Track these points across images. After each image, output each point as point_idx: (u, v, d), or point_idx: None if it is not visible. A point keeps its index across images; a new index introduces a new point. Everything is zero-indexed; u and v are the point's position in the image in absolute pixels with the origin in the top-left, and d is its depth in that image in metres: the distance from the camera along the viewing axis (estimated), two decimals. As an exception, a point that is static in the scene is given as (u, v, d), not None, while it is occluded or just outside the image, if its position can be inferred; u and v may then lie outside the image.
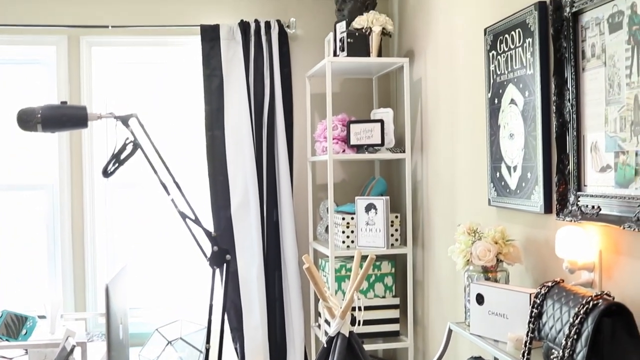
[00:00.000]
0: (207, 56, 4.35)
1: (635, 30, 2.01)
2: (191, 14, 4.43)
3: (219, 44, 4.34)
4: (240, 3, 4.49)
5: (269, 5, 4.51)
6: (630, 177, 2.05)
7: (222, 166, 4.35)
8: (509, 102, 2.78)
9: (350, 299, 2.86)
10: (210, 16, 4.43)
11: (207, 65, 4.35)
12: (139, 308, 4.53)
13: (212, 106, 4.35)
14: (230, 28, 4.35)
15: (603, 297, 1.89)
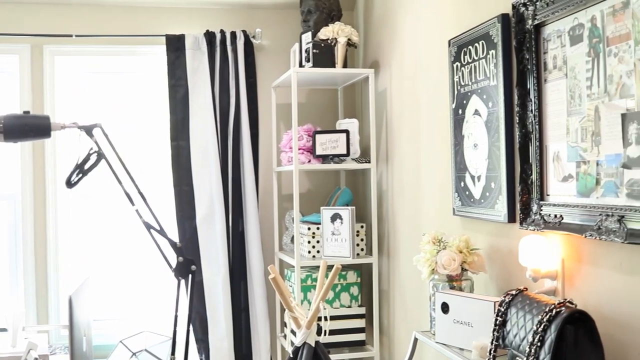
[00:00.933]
0: (173, 66, 4.33)
1: (595, 43, 2.05)
2: (157, 24, 4.42)
3: (184, 54, 4.32)
4: (206, 13, 4.49)
5: (234, 15, 4.51)
6: (592, 187, 2.08)
7: (187, 176, 4.33)
8: (472, 113, 2.82)
9: (316, 309, 2.86)
10: (175, 26, 4.42)
11: (173, 75, 4.34)
12: (103, 320, 4.48)
13: (177, 116, 4.33)
14: (195, 38, 4.34)
15: (566, 305, 1.92)
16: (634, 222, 1.87)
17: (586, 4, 2.06)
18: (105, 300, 4.52)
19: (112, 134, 3.34)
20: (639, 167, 1.87)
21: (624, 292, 1.96)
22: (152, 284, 4.53)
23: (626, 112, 1.92)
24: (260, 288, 4.36)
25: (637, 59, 1.87)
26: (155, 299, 4.52)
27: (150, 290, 4.54)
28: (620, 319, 1.98)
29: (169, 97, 4.33)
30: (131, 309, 4.55)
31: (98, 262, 4.54)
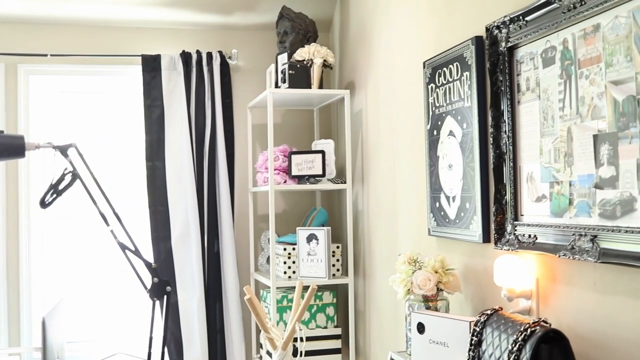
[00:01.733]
0: (148, 86, 4.33)
1: (567, 65, 2.08)
2: (132, 44, 4.42)
3: (160, 74, 4.32)
4: (182, 34, 4.50)
5: (211, 36, 4.52)
6: (565, 207, 2.11)
7: (162, 197, 4.31)
8: (447, 134, 2.84)
9: (292, 330, 2.85)
10: (151, 46, 4.42)
11: (148, 96, 4.33)
12: (77, 341, 4.43)
13: (153, 136, 4.32)
14: (171, 58, 4.34)
15: (540, 324, 1.93)
16: (606, 241, 1.90)
17: (558, 27, 2.10)
18: (79, 322, 4.48)
19: (87, 154, 3.33)
20: (610, 187, 1.89)
21: (598, 311, 1.98)
22: (126, 306, 4.49)
23: (598, 134, 1.95)
24: (236, 309, 4.34)
25: (608, 81, 1.90)
26: (130, 320, 4.48)
27: (125, 311, 4.50)
28: (594, 338, 1.99)
29: (145, 117, 4.32)
30: (106, 330, 4.51)
31: (72, 283, 4.50)
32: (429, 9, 3.07)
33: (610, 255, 1.87)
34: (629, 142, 1.82)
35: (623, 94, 1.84)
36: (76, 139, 3.42)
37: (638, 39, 1.78)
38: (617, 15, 1.86)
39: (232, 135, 4.46)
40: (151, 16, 4.34)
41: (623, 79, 1.84)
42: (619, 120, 1.85)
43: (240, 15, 4.44)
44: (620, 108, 1.85)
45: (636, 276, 1.82)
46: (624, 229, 1.83)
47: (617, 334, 1.90)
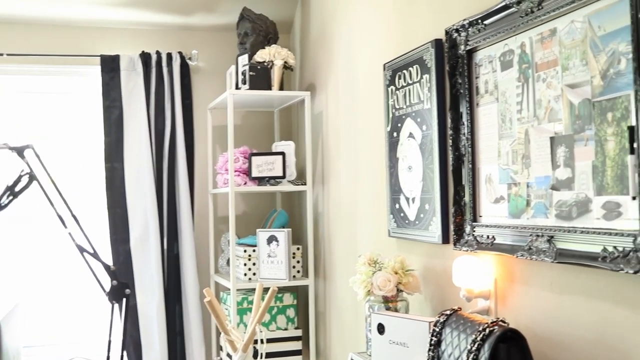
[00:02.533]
0: (107, 87, 4.28)
1: (525, 69, 2.11)
2: (91, 44, 4.36)
3: (119, 75, 4.28)
4: (142, 34, 4.46)
5: (170, 36, 4.49)
6: (522, 208, 2.14)
7: (121, 198, 4.26)
8: (407, 136, 2.86)
9: (253, 332, 2.85)
10: (110, 46, 4.37)
11: (107, 96, 4.28)
12: (34, 346, 4.36)
13: (112, 138, 4.28)
14: (131, 59, 4.30)
15: (498, 324, 1.96)
16: (562, 242, 1.93)
17: (516, 30, 2.13)
18: (36, 326, 4.41)
19: (44, 156, 3.28)
20: (566, 188, 1.93)
21: (555, 310, 2.01)
22: (85, 309, 4.43)
23: (554, 136, 1.98)
24: (196, 311, 4.31)
25: (564, 84, 1.93)
26: (88, 324, 4.42)
27: (83, 315, 4.44)
28: (551, 337, 2.02)
29: (104, 119, 4.27)
30: (63, 334, 4.45)
31: (29, 286, 4.43)
32: (389, 12, 3.09)
33: (567, 256, 1.90)
34: (584, 144, 1.85)
35: (579, 97, 1.87)
36: (33, 140, 3.37)
37: (593, 44, 1.81)
38: (573, 20, 1.89)
39: (192, 136, 4.44)
40: (110, 16, 4.29)
41: (579, 82, 1.87)
42: (575, 123, 1.89)
43: (201, 16, 4.42)
44: (576, 111, 1.88)
45: (592, 276, 1.85)
46: (580, 229, 1.86)
47: (573, 332, 1.93)
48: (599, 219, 1.80)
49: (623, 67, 1.70)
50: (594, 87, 1.81)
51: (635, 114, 1.63)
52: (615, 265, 1.71)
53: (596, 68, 1.80)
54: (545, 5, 1.97)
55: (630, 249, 1.66)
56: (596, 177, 1.81)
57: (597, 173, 1.80)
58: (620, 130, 1.72)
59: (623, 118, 1.71)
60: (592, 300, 1.86)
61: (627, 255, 1.68)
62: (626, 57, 1.69)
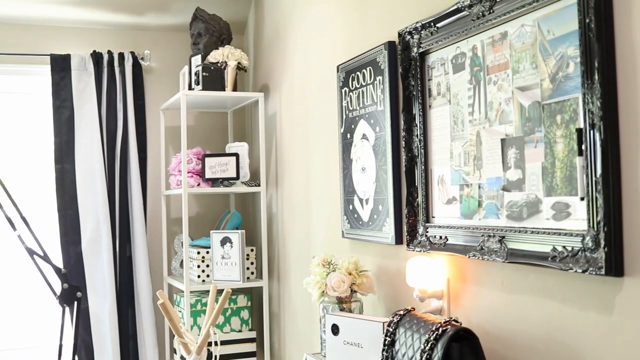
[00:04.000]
0: (57, 86, 4.22)
1: (477, 71, 2.14)
2: (41, 43, 4.29)
3: (69, 75, 4.22)
4: (93, 33, 4.40)
5: (122, 36, 4.44)
6: (474, 209, 2.17)
7: (72, 200, 4.20)
8: (360, 137, 2.88)
9: (206, 334, 2.83)
10: (61, 46, 4.30)
11: (57, 96, 4.22)
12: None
13: (62, 138, 4.21)
14: (82, 58, 4.24)
15: (451, 323, 1.98)
16: (513, 242, 1.96)
17: (467, 34, 2.16)
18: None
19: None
20: (517, 189, 1.96)
21: (506, 309, 2.04)
22: (35, 312, 4.35)
23: (505, 138, 2.01)
24: (149, 314, 4.27)
25: (515, 87, 1.96)
26: (38, 327, 4.35)
27: (33, 318, 4.36)
28: (503, 335, 2.06)
29: (54, 119, 4.20)
30: (12, 338, 4.36)
31: (-24, 290, 4.34)
32: (343, 13, 3.10)
33: (517, 255, 1.93)
34: (534, 146, 1.89)
35: (529, 99, 1.90)
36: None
37: (543, 47, 1.85)
38: (523, 24, 1.92)
39: (145, 137, 4.39)
40: (61, 15, 4.23)
41: (529, 85, 1.90)
42: (525, 125, 1.92)
43: (153, 16, 4.38)
44: (526, 113, 1.92)
45: (541, 275, 1.88)
46: (530, 229, 1.90)
47: (524, 330, 1.97)
48: (549, 220, 1.84)
49: (571, 71, 1.74)
50: (543, 90, 1.85)
51: (583, 116, 1.67)
52: (564, 265, 1.75)
53: (545, 71, 1.84)
54: (496, 9, 2.00)
55: (579, 249, 1.70)
56: (546, 178, 1.84)
57: (546, 174, 1.84)
58: (568, 133, 1.75)
59: (571, 120, 1.74)
60: (542, 298, 1.89)
61: (575, 254, 1.71)
62: (574, 61, 1.73)
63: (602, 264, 1.62)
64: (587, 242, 1.67)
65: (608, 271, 1.61)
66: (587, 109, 1.65)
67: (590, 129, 1.65)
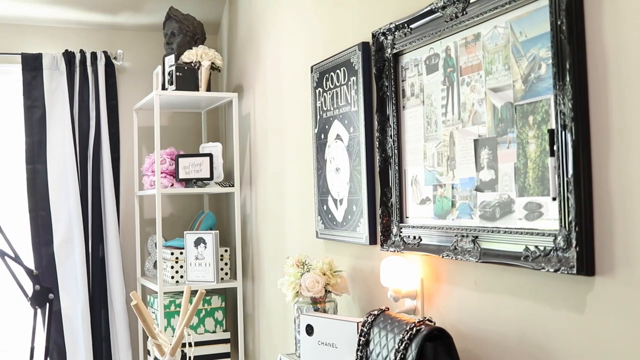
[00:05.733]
0: (29, 86, 4.17)
1: (450, 72, 2.16)
2: (12, 42, 4.24)
3: (41, 74, 4.18)
4: (66, 32, 4.36)
5: (95, 36, 4.40)
6: (447, 209, 2.18)
7: (43, 201, 4.16)
8: (334, 138, 2.88)
9: (180, 335, 2.82)
10: (33, 45, 4.26)
11: (29, 96, 4.17)
12: (-50, 354, 4.23)
13: (34, 138, 4.17)
14: (53, 57, 4.20)
15: (425, 323, 1.99)
16: (487, 242, 1.98)
17: (441, 35, 2.17)
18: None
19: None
20: (490, 190, 1.97)
21: (479, 309, 2.06)
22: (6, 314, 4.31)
23: (478, 138, 2.03)
24: (122, 316, 4.24)
25: (488, 88, 1.98)
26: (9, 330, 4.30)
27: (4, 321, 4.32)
28: (476, 335, 2.07)
29: (25, 119, 4.16)
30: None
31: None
32: (317, 14, 3.11)
33: (491, 255, 1.95)
34: (507, 147, 1.90)
35: (501, 100, 1.92)
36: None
37: (515, 49, 1.86)
38: (496, 26, 1.94)
39: (118, 137, 4.37)
40: (33, 13, 4.19)
41: (501, 86, 1.92)
42: (498, 125, 1.94)
43: (127, 15, 4.35)
44: (499, 114, 1.93)
45: (514, 275, 1.90)
46: (503, 229, 1.91)
47: (497, 330, 1.98)
48: (521, 220, 1.85)
49: (543, 72, 1.76)
50: (515, 91, 1.86)
51: (555, 117, 1.69)
52: (536, 264, 1.76)
53: (518, 72, 1.85)
54: (469, 10, 2.02)
55: (551, 248, 1.72)
56: (518, 178, 1.86)
57: (519, 175, 1.86)
58: (541, 133, 1.77)
59: (544, 121, 1.76)
60: (515, 298, 1.91)
61: (548, 254, 1.73)
62: (546, 63, 1.74)
63: (574, 263, 1.64)
64: (559, 242, 1.69)
65: (579, 270, 1.63)
66: (559, 110, 1.67)
67: (561, 130, 1.66)
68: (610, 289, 1.59)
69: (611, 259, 1.59)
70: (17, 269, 3.18)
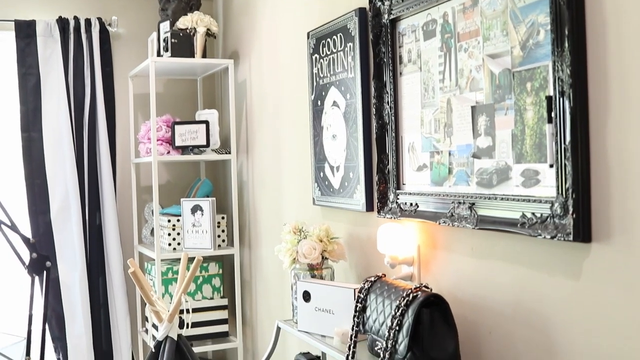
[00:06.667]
0: (23, 53, 4.14)
1: (447, 38, 2.14)
2: (4, 8, 4.20)
3: (35, 41, 4.14)
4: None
5: (89, 2, 4.36)
6: (444, 176, 2.18)
7: (40, 169, 4.15)
8: (331, 104, 2.87)
9: (178, 302, 2.83)
10: (26, 11, 4.22)
11: (23, 63, 4.14)
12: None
13: (29, 106, 4.15)
14: (47, 24, 4.16)
15: (422, 289, 2.00)
16: (483, 208, 1.98)
17: (439, 0, 2.15)
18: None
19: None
20: (487, 156, 1.97)
21: (475, 275, 2.07)
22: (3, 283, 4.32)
23: (476, 105, 2.02)
24: (120, 283, 4.26)
25: (486, 54, 1.97)
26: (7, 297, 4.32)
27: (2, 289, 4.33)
28: (472, 301, 2.08)
29: (19, 87, 4.13)
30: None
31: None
32: (313, -20, 3.07)
33: (487, 222, 1.95)
34: (504, 113, 1.89)
35: (499, 67, 1.91)
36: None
37: (513, 15, 1.85)
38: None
39: (113, 105, 4.34)
40: (24, -20, 4.14)
41: (499, 52, 1.91)
42: (496, 92, 1.93)
43: (120, -19, 4.30)
44: (496, 81, 1.92)
45: (510, 241, 1.91)
46: (500, 196, 1.91)
47: (493, 296, 1.99)
48: (518, 186, 1.85)
49: (542, 38, 1.74)
50: (513, 58, 1.85)
51: (553, 84, 1.68)
52: (533, 231, 1.77)
53: (516, 39, 1.84)
54: (467, -25, 2.00)
55: (548, 215, 1.72)
56: (515, 145, 1.85)
57: (516, 141, 1.85)
58: (538, 100, 1.76)
59: (541, 88, 1.75)
60: (511, 264, 1.91)
61: (544, 221, 1.73)
62: (545, 29, 1.73)
63: (570, 230, 1.64)
64: (556, 209, 1.69)
65: (576, 237, 1.63)
66: (557, 77, 1.66)
67: (559, 97, 1.66)
68: (607, 256, 1.60)
69: (608, 226, 1.59)
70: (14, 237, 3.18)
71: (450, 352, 1.94)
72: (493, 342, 2.00)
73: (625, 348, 1.57)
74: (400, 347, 1.95)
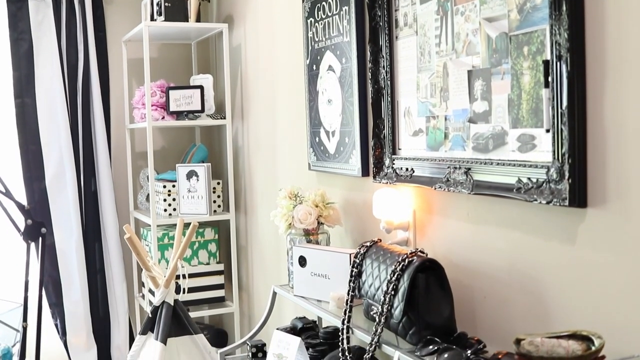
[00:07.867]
0: (14, 18, 4.09)
1: (444, 2, 2.12)
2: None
3: (27, 6, 4.09)
4: (49, -38, 4.25)
5: (80, -35, 4.30)
6: (440, 141, 2.17)
7: (33, 135, 4.13)
8: (326, 69, 2.85)
9: (174, 267, 2.84)
10: (16, -25, 4.16)
11: (15, 28, 4.10)
12: (-54, 287, 4.26)
13: (21, 72, 4.11)
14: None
15: (417, 254, 2.00)
16: (479, 174, 1.97)
17: (434, -37, 2.12)
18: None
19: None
20: (483, 121, 1.96)
21: (470, 240, 2.07)
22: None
23: (472, 69, 2.00)
24: (116, 248, 4.27)
25: (482, 18, 1.95)
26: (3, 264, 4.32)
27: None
28: (467, 265, 2.09)
29: (11, 52, 4.09)
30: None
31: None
32: (308, -58, 3.03)
33: (483, 187, 1.95)
34: (501, 78, 1.88)
35: (496, 30, 1.89)
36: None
37: (510, -23, 1.82)
38: (490, -47, 1.89)
39: (107, 70, 4.31)
40: (15, -57, 4.08)
41: (496, 16, 1.89)
42: (492, 56, 1.91)
43: (112, -56, 4.24)
44: (493, 45, 1.91)
45: (506, 206, 1.91)
46: (496, 161, 1.91)
47: (488, 261, 2.00)
48: (514, 151, 1.85)
49: (539, 2, 1.72)
50: (510, 21, 1.83)
51: (550, 48, 1.66)
52: (529, 196, 1.77)
53: (513, 2, 1.82)
54: (463, -63, 1.97)
55: (544, 180, 1.72)
56: (512, 110, 1.84)
57: (512, 106, 1.84)
58: (535, 64, 1.75)
59: (538, 52, 1.74)
60: (507, 229, 1.92)
61: (540, 186, 1.73)
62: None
63: (566, 195, 1.64)
64: (552, 174, 1.69)
65: (572, 202, 1.63)
66: (554, 41, 1.65)
67: (557, 61, 1.64)
68: (602, 221, 1.60)
69: (603, 191, 1.59)
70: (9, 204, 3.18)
71: (445, 317, 1.95)
72: (488, 306, 2.01)
73: (619, 312, 1.57)
74: (395, 311, 1.96)
